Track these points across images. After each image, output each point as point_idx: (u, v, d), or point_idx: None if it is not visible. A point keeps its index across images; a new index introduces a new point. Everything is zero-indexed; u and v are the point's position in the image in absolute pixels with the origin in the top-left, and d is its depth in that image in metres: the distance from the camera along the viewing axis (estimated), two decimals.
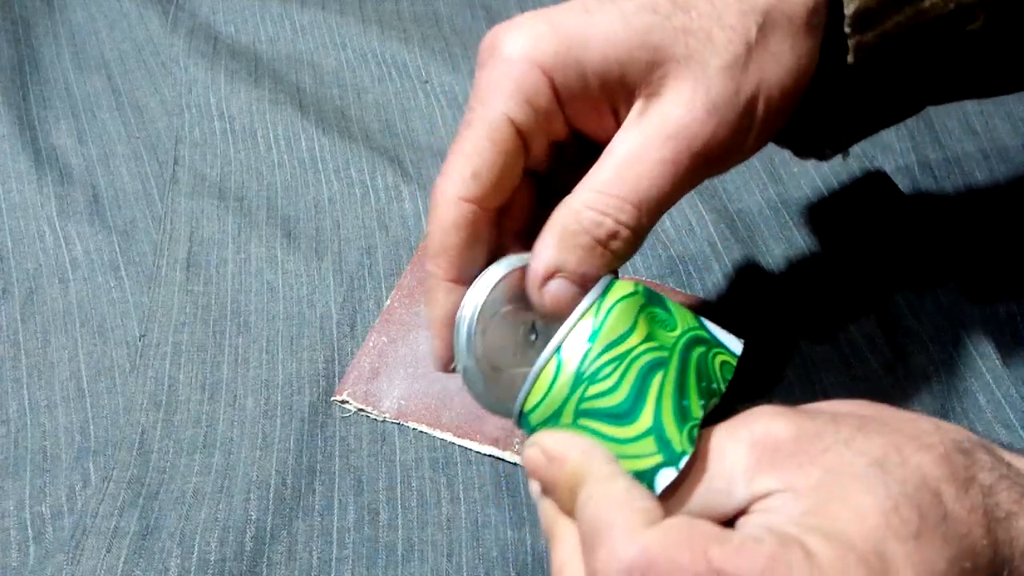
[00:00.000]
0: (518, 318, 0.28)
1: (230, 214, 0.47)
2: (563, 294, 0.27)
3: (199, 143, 0.50)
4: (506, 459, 0.38)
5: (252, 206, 0.47)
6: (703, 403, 0.25)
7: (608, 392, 0.25)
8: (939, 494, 0.22)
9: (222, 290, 0.44)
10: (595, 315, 0.26)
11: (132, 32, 0.57)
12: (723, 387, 0.26)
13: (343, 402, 0.40)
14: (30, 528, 0.37)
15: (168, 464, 0.38)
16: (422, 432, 0.39)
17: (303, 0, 0.58)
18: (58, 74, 0.55)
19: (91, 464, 0.39)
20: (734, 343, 0.28)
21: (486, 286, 0.28)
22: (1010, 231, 0.43)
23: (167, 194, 0.48)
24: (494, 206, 0.28)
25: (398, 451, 0.38)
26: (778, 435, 0.23)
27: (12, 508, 0.38)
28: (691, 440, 0.24)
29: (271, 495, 0.37)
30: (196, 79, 0.53)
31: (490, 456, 0.38)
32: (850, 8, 0.28)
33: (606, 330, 0.26)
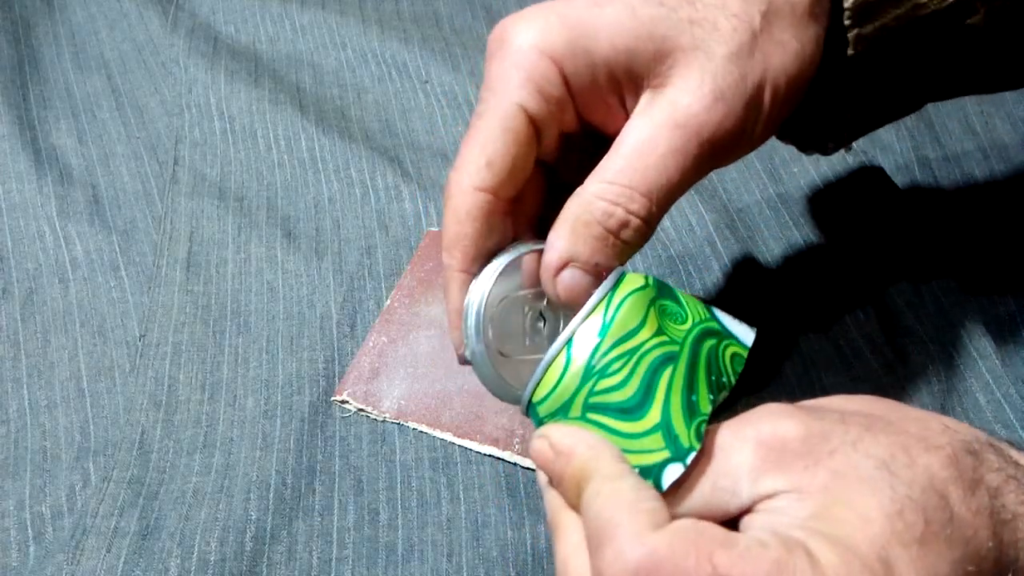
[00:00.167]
0: (527, 305, 0.29)
1: (230, 214, 0.47)
2: (576, 284, 0.27)
3: (199, 143, 0.50)
4: (506, 459, 0.38)
5: (252, 206, 0.47)
6: (712, 398, 0.25)
7: (617, 387, 0.25)
8: (946, 496, 0.22)
9: (222, 290, 0.44)
10: (606, 309, 0.26)
11: (132, 32, 0.57)
12: (733, 380, 0.27)
13: (343, 402, 0.40)
14: (30, 528, 0.37)
15: (168, 464, 0.38)
16: (422, 432, 0.39)
17: (303, 0, 0.58)
18: (58, 74, 0.55)
19: (91, 464, 0.39)
20: (745, 333, 0.28)
21: (495, 273, 0.28)
22: (1010, 230, 0.43)
23: (167, 194, 0.48)
24: (508, 195, 0.28)
25: (398, 451, 0.38)
26: (785, 435, 0.23)
27: (12, 508, 0.38)
28: (699, 436, 0.24)
29: (271, 495, 0.37)
30: (196, 79, 0.53)
31: (490, 456, 0.38)
32: (850, 0, 0.29)
33: (617, 324, 0.26)
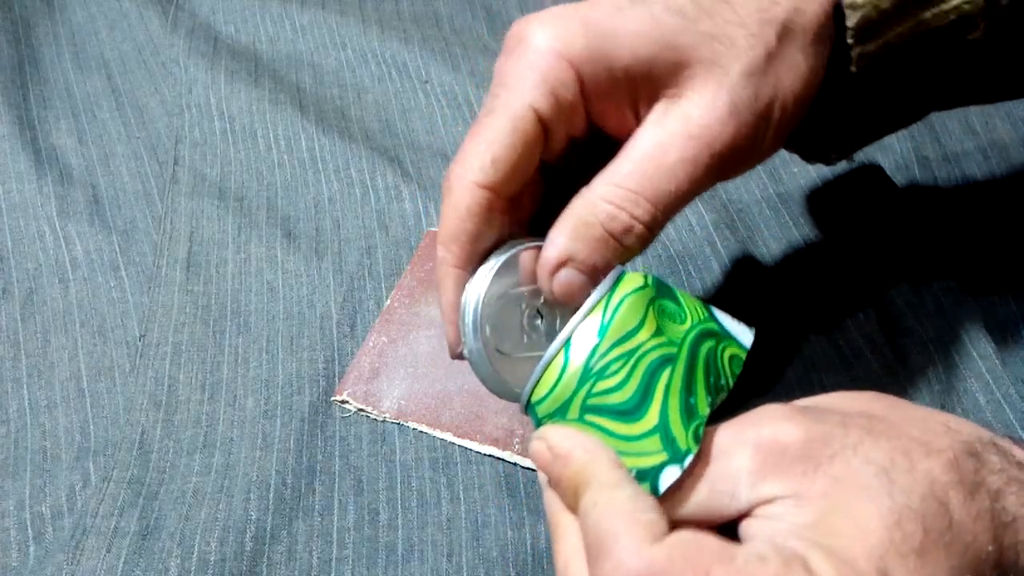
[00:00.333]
0: (524, 302, 0.29)
1: (230, 214, 0.47)
2: (573, 283, 0.27)
3: (199, 143, 0.50)
4: (506, 459, 0.38)
5: (252, 206, 0.47)
6: (710, 400, 0.25)
7: (615, 389, 0.25)
8: (945, 502, 0.22)
9: (222, 290, 0.44)
10: (604, 310, 0.26)
11: (132, 32, 0.57)
12: (731, 383, 0.26)
13: (343, 402, 0.40)
14: (30, 528, 0.37)
15: (168, 464, 0.38)
16: (422, 432, 0.39)
17: (303, 0, 0.58)
18: (58, 74, 0.55)
19: (91, 464, 0.39)
20: (744, 334, 0.28)
21: (492, 270, 0.28)
22: (1010, 230, 0.43)
23: (167, 194, 0.48)
24: (510, 194, 0.28)
25: (398, 451, 0.39)
26: (785, 439, 0.23)
27: (12, 508, 0.38)
28: (696, 439, 0.24)
29: (271, 495, 0.37)
30: (196, 79, 0.53)
31: (490, 456, 0.38)
32: (852, 20, 0.29)
33: (615, 325, 0.26)
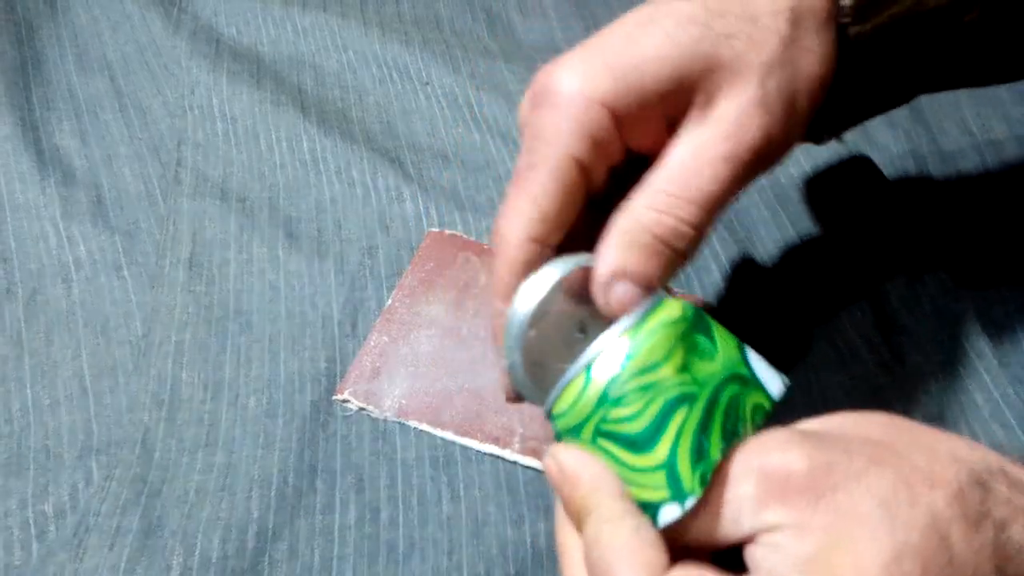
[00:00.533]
0: (569, 315, 0.29)
1: (232, 215, 0.47)
2: (628, 297, 0.27)
3: (201, 144, 0.51)
4: (506, 457, 0.38)
5: (254, 207, 0.48)
6: (723, 446, 0.25)
7: (629, 419, 0.25)
8: (947, 537, 0.22)
9: (224, 290, 0.44)
10: (632, 337, 0.26)
11: (135, 34, 0.57)
12: (750, 432, 0.26)
13: (345, 401, 0.40)
14: (33, 527, 0.38)
15: (171, 463, 0.39)
16: (423, 431, 0.39)
17: (305, 2, 0.58)
18: (61, 76, 0.55)
19: (94, 463, 0.39)
20: (775, 384, 0.27)
21: (539, 285, 0.28)
22: (1007, 230, 0.43)
23: (170, 195, 0.48)
24: (558, 241, 0.29)
25: (399, 450, 0.39)
26: (790, 467, 0.23)
27: (15, 506, 0.38)
28: (702, 483, 0.24)
29: (273, 493, 0.37)
30: (199, 81, 0.53)
31: (490, 455, 0.38)
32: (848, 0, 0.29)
33: (640, 355, 0.25)
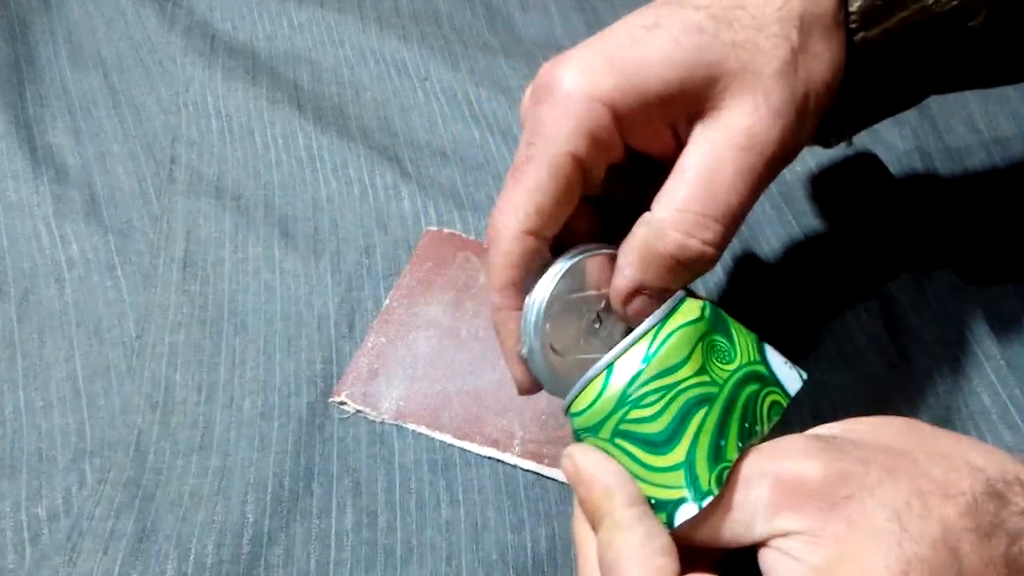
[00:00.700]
0: (585, 306, 0.30)
1: (227, 213, 0.46)
2: (647, 309, 0.28)
3: (196, 142, 0.50)
4: (506, 461, 0.37)
5: (249, 205, 0.47)
6: (740, 445, 0.25)
7: (649, 419, 0.25)
8: (957, 550, 0.22)
9: (219, 290, 0.44)
10: (652, 340, 0.26)
11: (129, 30, 0.57)
12: (767, 430, 0.27)
13: (341, 403, 0.40)
14: (26, 530, 0.37)
15: (165, 466, 0.38)
16: (421, 434, 0.39)
17: None
18: (55, 72, 0.55)
19: (87, 466, 0.39)
20: (792, 380, 0.28)
21: (557, 274, 0.29)
22: (1015, 230, 0.43)
23: (164, 193, 0.48)
24: (554, 233, 0.29)
25: (397, 453, 0.38)
26: (805, 474, 0.24)
27: (8, 510, 0.38)
28: (719, 482, 0.25)
29: (268, 497, 0.37)
30: (193, 77, 0.53)
31: (490, 458, 0.38)
32: (855, 5, 0.29)
33: (660, 357, 0.26)
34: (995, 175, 0.46)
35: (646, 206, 0.28)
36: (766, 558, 0.24)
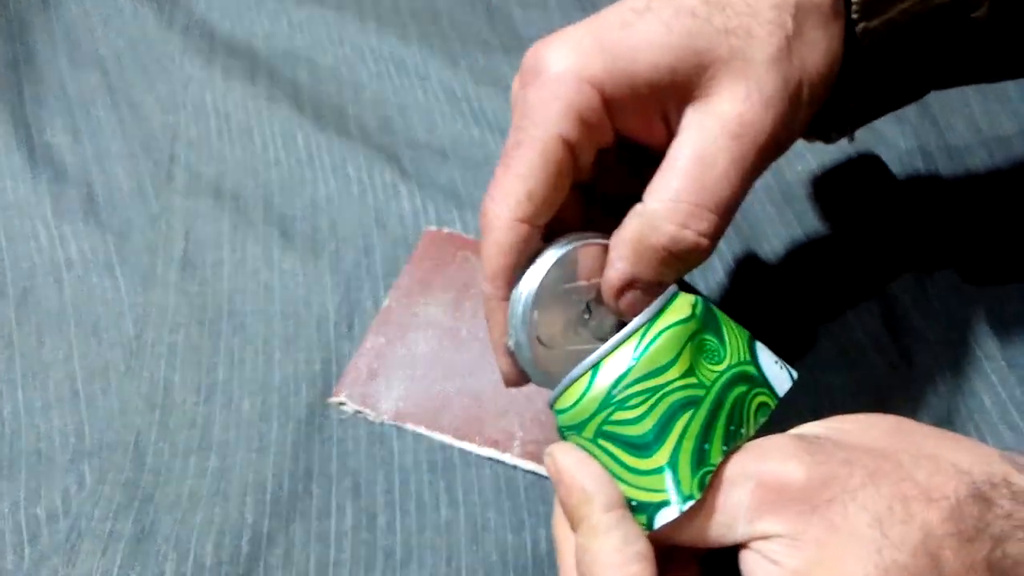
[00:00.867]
0: (574, 296, 0.29)
1: (226, 213, 0.46)
2: (640, 302, 0.27)
3: (195, 141, 0.50)
4: (505, 461, 0.37)
5: (248, 205, 0.47)
6: (725, 449, 0.25)
7: (632, 421, 0.25)
8: (937, 556, 0.22)
9: (218, 290, 0.44)
10: (640, 339, 0.26)
11: (127, 29, 0.57)
12: (752, 432, 0.26)
13: (340, 404, 0.40)
14: (25, 531, 0.37)
15: (163, 467, 0.38)
16: (421, 434, 0.39)
17: None
18: (53, 71, 0.55)
19: (86, 466, 0.39)
20: (782, 381, 0.27)
21: (546, 264, 0.28)
22: (1017, 229, 0.43)
23: (162, 193, 0.48)
24: (546, 221, 0.29)
25: (396, 454, 0.38)
26: (787, 476, 0.23)
27: (7, 510, 0.38)
28: (701, 487, 0.24)
29: (268, 498, 0.37)
30: (192, 76, 0.53)
31: (489, 459, 0.38)
32: None
33: (646, 359, 0.25)
34: (996, 174, 0.45)
35: (637, 197, 0.28)
36: (746, 560, 0.24)
